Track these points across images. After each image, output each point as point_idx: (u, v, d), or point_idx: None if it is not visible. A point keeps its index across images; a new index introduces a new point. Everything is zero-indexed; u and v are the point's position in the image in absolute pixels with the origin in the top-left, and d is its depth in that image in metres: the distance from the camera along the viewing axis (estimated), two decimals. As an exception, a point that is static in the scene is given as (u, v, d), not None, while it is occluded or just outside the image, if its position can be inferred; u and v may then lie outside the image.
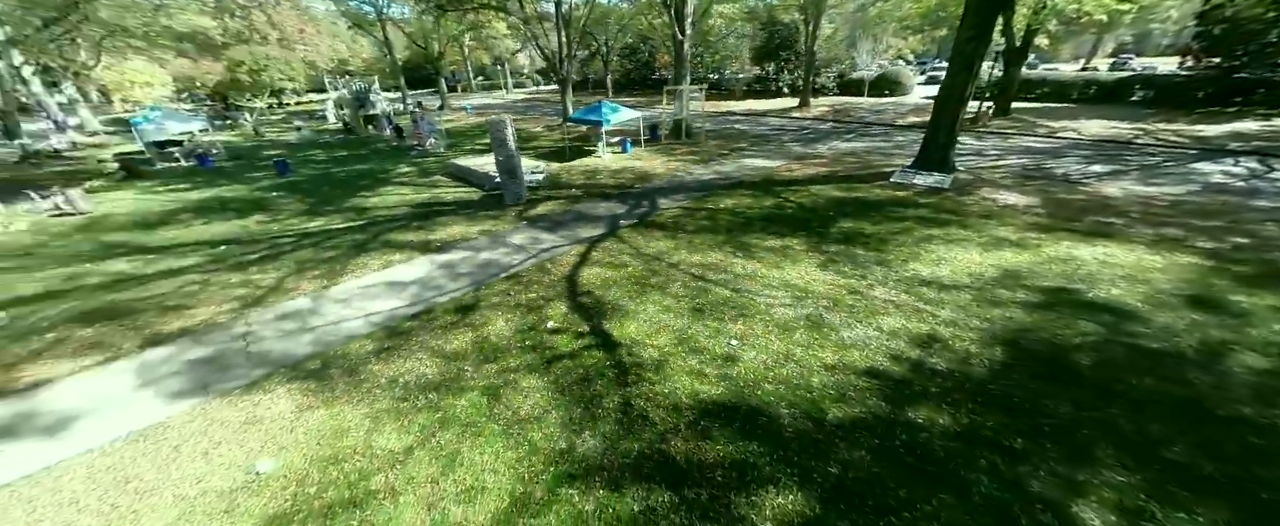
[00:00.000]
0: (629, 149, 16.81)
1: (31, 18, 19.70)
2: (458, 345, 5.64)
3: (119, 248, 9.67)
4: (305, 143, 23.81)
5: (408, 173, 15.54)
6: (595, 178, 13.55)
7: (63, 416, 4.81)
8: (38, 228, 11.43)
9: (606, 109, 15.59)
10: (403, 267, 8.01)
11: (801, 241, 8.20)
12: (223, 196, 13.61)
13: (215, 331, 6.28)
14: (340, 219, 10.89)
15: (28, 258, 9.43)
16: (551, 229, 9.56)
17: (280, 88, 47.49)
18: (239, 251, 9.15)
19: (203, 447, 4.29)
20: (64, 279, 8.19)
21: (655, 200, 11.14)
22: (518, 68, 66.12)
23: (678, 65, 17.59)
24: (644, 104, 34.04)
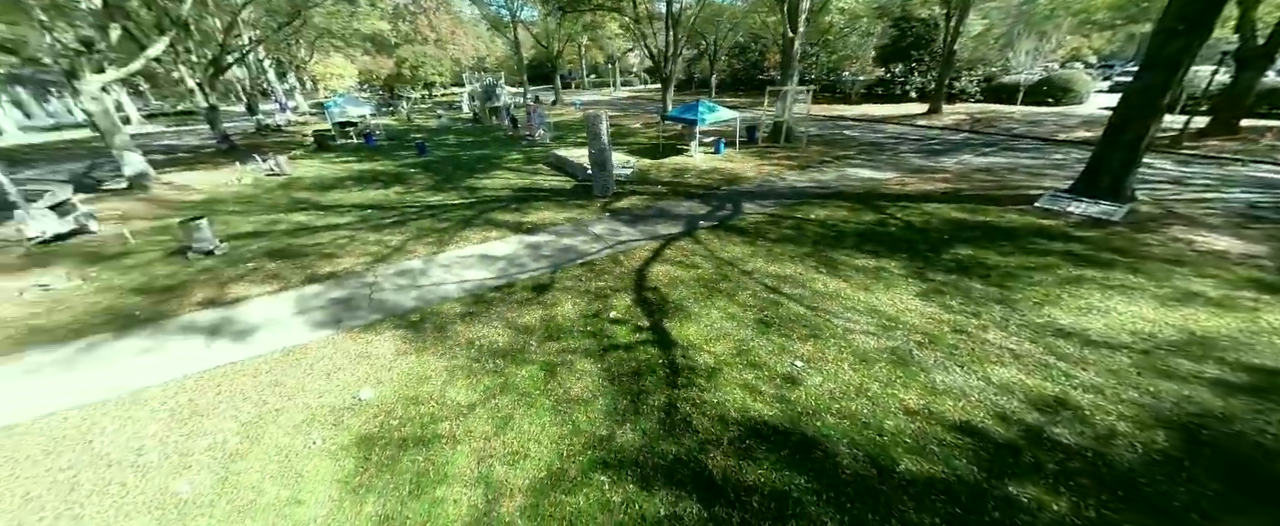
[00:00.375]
0: (722, 150, 16.42)
1: (271, 22, 25.82)
2: (528, 320, 6.09)
3: (302, 203, 12.31)
4: (443, 129, 27.68)
5: (516, 160, 17.16)
6: (682, 176, 13.51)
7: (247, 327, 6.29)
8: (257, 183, 15.08)
9: (702, 108, 15.40)
10: (497, 244, 8.89)
11: (901, 264, 7.21)
12: (376, 169, 16.49)
13: (351, 278, 7.66)
14: (456, 196, 12.47)
15: (249, 204, 12.50)
16: (631, 222, 9.78)
17: (431, 81, 55.92)
18: (379, 216, 11.01)
19: (327, 370, 5.27)
20: (265, 223, 10.69)
21: (740, 204, 10.73)
22: (627, 66, 68.70)
23: (785, 65, 16.62)
24: (747, 104, 32.99)
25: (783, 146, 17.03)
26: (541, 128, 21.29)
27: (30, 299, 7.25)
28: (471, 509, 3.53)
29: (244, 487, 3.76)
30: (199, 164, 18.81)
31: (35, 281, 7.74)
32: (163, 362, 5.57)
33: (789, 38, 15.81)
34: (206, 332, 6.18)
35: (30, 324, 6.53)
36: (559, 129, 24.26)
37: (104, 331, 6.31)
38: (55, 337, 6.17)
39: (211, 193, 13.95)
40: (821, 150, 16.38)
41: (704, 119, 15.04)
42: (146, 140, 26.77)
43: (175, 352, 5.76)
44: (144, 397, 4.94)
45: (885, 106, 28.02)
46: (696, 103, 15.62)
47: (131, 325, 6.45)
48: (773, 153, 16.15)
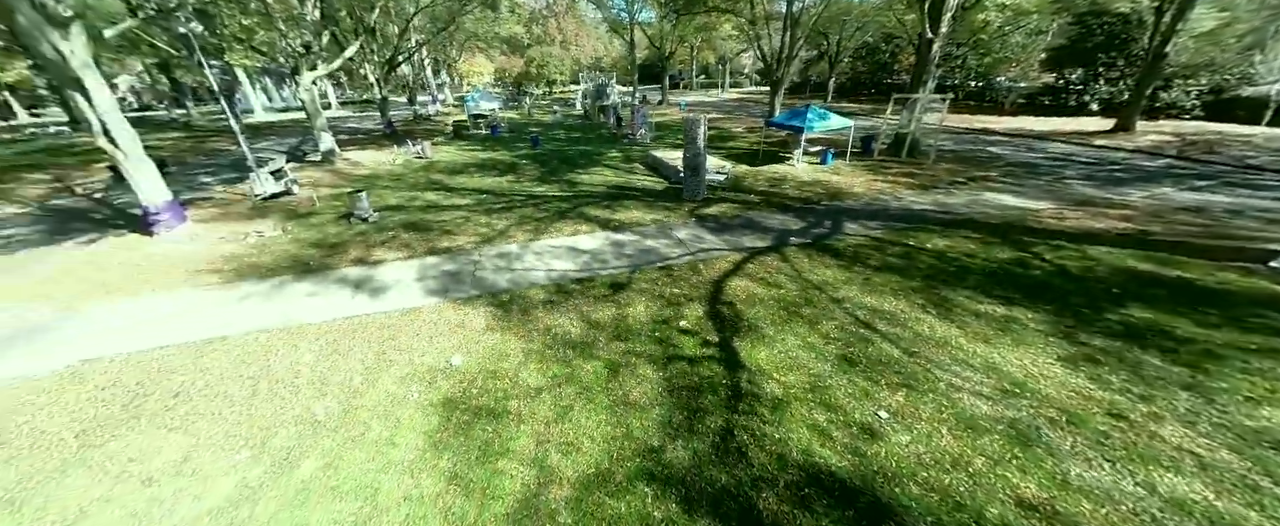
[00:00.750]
0: (830, 161, 15.13)
1: (432, 27, 30.46)
2: (601, 317, 6.33)
3: (435, 184, 14.38)
4: (556, 124, 30.04)
5: (615, 158, 17.88)
6: (780, 187, 12.77)
7: (381, 286, 7.58)
8: (407, 164, 18.00)
9: (812, 114, 14.34)
10: (585, 238, 9.39)
11: (1042, 318, 5.92)
12: (495, 158, 18.54)
13: (461, 255, 8.75)
14: (556, 188, 13.45)
15: (397, 181, 15.00)
16: (717, 231, 9.56)
17: (552, 79, 61.08)
18: (491, 201, 12.37)
19: (430, 334, 6.11)
20: (406, 198, 12.72)
21: (840, 222, 9.79)
22: (738, 67, 66.97)
23: (920, 69, 14.62)
24: (868, 111, 29.93)
25: (904, 161, 15.09)
26: (643, 127, 21.86)
27: (251, 243, 9.64)
28: (524, 487, 3.81)
29: (358, 421, 4.56)
30: (369, 145, 23.10)
31: (255, 229, 10.28)
32: (321, 305, 6.98)
33: (927, 39, 13.88)
34: (352, 285, 7.59)
35: (247, 261, 8.69)
36: (660, 129, 24.68)
37: (288, 273, 8.13)
38: (260, 274, 8.14)
39: (373, 169, 17.04)
40: (953, 168, 14.14)
41: (812, 126, 14.01)
42: (339, 122, 33.73)
43: (330, 298, 7.19)
44: (306, 331, 6.25)
45: (1050, 119, 23.13)
46: (805, 108, 14.60)
47: (306, 272, 8.20)
48: (889, 168, 14.41)
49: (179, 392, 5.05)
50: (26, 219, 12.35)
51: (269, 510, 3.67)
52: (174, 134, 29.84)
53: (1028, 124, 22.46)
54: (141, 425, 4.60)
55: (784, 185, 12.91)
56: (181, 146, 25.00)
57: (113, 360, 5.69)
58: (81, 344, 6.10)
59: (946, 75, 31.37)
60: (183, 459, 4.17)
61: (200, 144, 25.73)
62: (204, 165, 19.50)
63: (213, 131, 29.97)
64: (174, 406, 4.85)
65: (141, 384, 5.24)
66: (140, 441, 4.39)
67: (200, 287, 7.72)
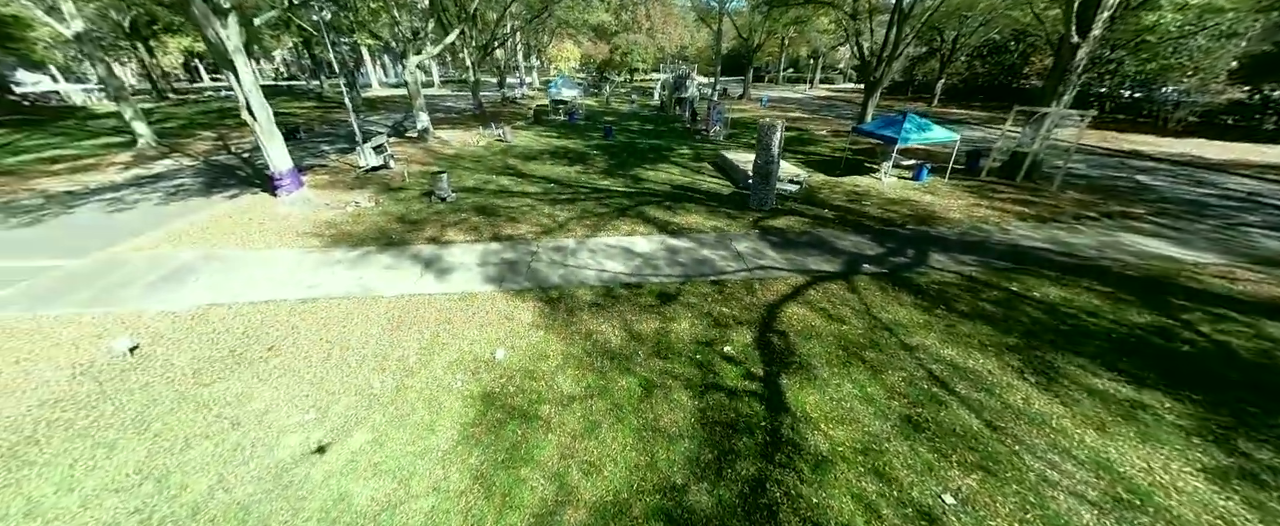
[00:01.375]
0: (924, 177, 13.44)
1: (526, 14, 31.78)
2: (644, 329, 6.19)
3: (509, 169, 15.09)
4: (631, 114, 30.13)
5: (684, 155, 17.47)
6: (861, 203, 11.60)
7: (446, 267, 8.10)
8: (489, 146, 19.12)
9: (910, 123, 12.75)
10: (640, 240, 9.27)
11: (1187, 410, 4.72)
12: (568, 146, 19.03)
13: (520, 244, 9.08)
14: (621, 183, 13.44)
15: (477, 163, 15.99)
16: (780, 247, 8.91)
17: (635, 67, 61.32)
18: (557, 191, 12.70)
19: (481, 322, 6.39)
20: (482, 181, 13.50)
21: (926, 252, 8.64)
22: (832, 62, 62.07)
23: (1057, 77, 12.28)
24: (984, 120, 26.18)
25: (1018, 185, 12.93)
26: (718, 124, 21.10)
27: (349, 212, 10.84)
28: (542, 501, 3.83)
29: (405, 402, 4.90)
30: (459, 124, 24.92)
31: (354, 199, 11.53)
32: (394, 278, 7.64)
33: (1071, 42, 11.59)
34: (423, 263, 8.21)
35: (343, 229, 9.78)
36: (736, 126, 23.65)
37: (373, 244, 9.01)
38: (350, 243, 9.10)
39: (458, 149, 18.33)
40: (1084, 199, 11.84)
41: (908, 137, 12.48)
42: (438, 101, 36.88)
43: (402, 273, 7.84)
44: (378, 304, 6.87)
45: (1232, 145, 18.51)
46: (902, 116, 13.03)
47: (388, 245, 9.03)
48: (999, 191, 12.44)
49: (272, 346, 5.80)
50: (192, 171, 15.02)
51: (320, 474, 4.07)
52: (309, 103, 34.61)
53: (1198, 148, 18.17)
54: (241, 372, 5.35)
55: (865, 201, 11.70)
56: (313, 115, 28.90)
57: (230, 307, 6.70)
58: (212, 286, 7.27)
59: (1092, 81, 26.29)
60: (265, 409, 4.78)
61: (327, 114, 29.54)
62: (326, 135, 22.33)
63: (338, 103, 34.27)
64: (267, 359, 5.58)
65: (247, 332, 6.10)
66: (237, 387, 5.10)
67: (304, 249, 8.83)
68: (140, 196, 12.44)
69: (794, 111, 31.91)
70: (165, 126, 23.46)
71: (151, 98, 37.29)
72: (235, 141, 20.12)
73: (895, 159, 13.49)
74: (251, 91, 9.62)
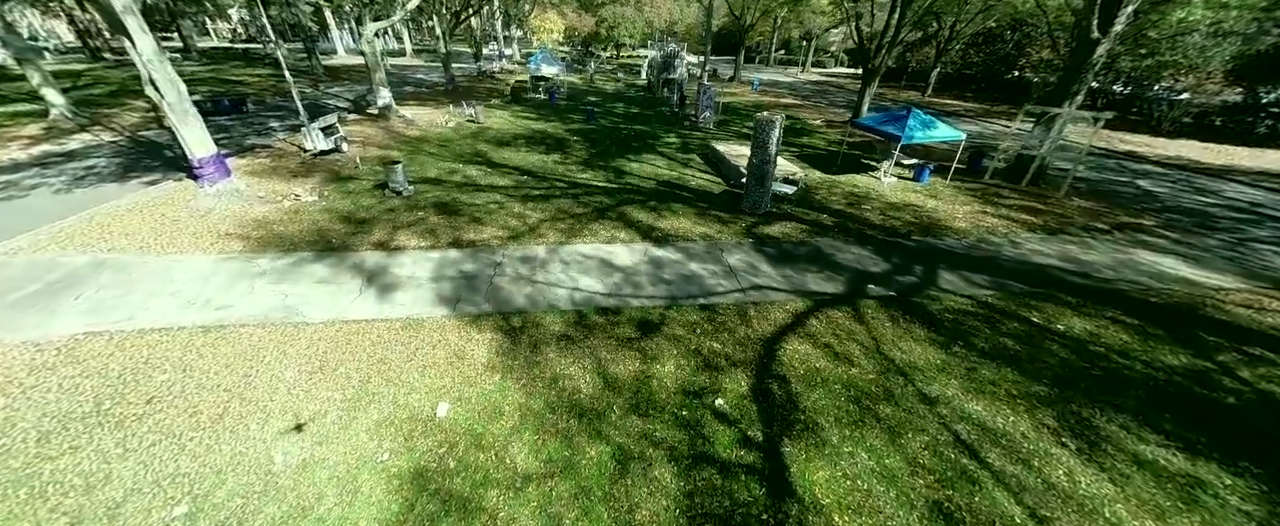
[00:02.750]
0: (926, 178, 12.66)
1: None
2: (621, 371, 5.24)
3: (478, 157, 13.66)
4: (616, 94, 28.40)
5: (671, 145, 16.25)
6: (860, 207, 10.75)
7: (391, 282, 6.92)
8: (458, 128, 17.47)
9: (914, 120, 11.85)
10: (621, 249, 8.22)
11: (1249, 491, 4.07)
12: (546, 130, 17.54)
13: (483, 252, 7.92)
14: (602, 177, 12.24)
15: (443, 148, 14.45)
16: (777, 261, 8.01)
17: (621, 42, 58.46)
18: (531, 185, 11.44)
19: (425, 363, 5.32)
20: (446, 171, 12.10)
21: (935, 270, 7.87)
22: (824, 45, 60.39)
23: (1071, 75, 11.44)
24: (978, 113, 25.52)
25: (1024, 190, 12.28)
26: (708, 110, 19.82)
27: (286, 207, 9.41)
28: (475, 646, 2.92)
29: (310, 486, 3.86)
30: (428, 101, 22.90)
31: (294, 191, 10.06)
32: (327, 297, 6.45)
33: (1092, 37, 10.73)
34: (365, 277, 7.00)
35: (275, 229, 8.41)
36: (727, 112, 22.40)
37: (309, 250, 7.72)
38: (281, 247, 7.79)
39: (424, 131, 16.65)
40: (1092, 206, 11.26)
41: (913, 136, 11.58)
42: (408, 72, 34.14)
43: (339, 289, 6.64)
44: (301, 334, 5.70)
45: (1226, 148, 18.30)
46: (906, 110, 12.09)
47: (326, 251, 7.75)
48: (1004, 196, 11.76)
49: (153, 398, 4.63)
50: (112, 150, 13.10)
51: (179, 605, 3.06)
52: (263, 70, 31.57)
53: (1192, 152, 17.90)
54: (103, 437, 4.20)
55: (865, 205, 10.85)
56: (265, 85, 26.25)
57: (111, 338, 5.44)
58: (96, 307, 5.96)
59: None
60: (121, 499, 3.68)
61: (281, 83, 26.91)
62: (280, 108, 20.14)
63: (298, 71, 31.34)
64: (142, 416, 4.43)
65: (125, 375, 4.90)
66: (92, 462, 3.96)
67: (224, 255, 7.49)
68: (41, 180, 10.65)
69: (786, 97, 30.70)
70: (91, 94, 20.80)
71: (84, 58, 33.51)
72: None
73: (897, 158, 12.63)
74: (153, 62, 7.99)
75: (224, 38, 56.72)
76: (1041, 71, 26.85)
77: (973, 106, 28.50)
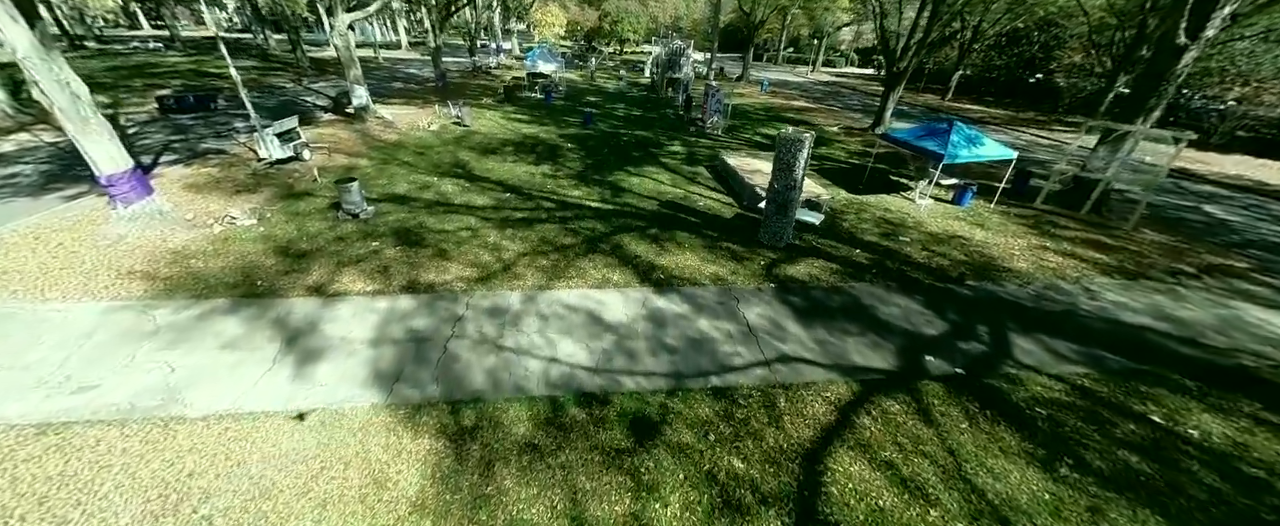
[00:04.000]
0: (967, 201, 11.07)
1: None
2: (604, 515, 3.71)
3: (458, 167, 12.09)
4: (618, 93, 26.75)
5: (676, 154, 14.66)
6: (896, 238, 9.18)
7: (316, 348, 5.40)
8: (442, 131, 15.89)
9: (958, 136, 10.26)
10: (614, 297, 6.69)
11: None
12: (538, 136, 15.95)
13: (442, 300, 6.40)
14: (596, 195, 10.68)
15: (420, 156, 12.90)
16: (806, 317, 6.46)
17: (625, 38, 56.60)
18: (515, 203, 9.89)
19: (323, 497, 3.80)
20: (418, 186, 10.54)
21: (1004, 333, 6.32)
22: (834, 44, 58.39)
23: (1150, 83, 9.76)
24: (1003, 121, 23.77)
25: (1082, 218, 10.66)
26: (717, 114, 18.20)
27: (215, 233, 7.88)
28: None
29: None
30: (415, 99, 21.31)
31: (230, 212, 8.53)
32: (226, 373, 4.94)
33: (1178, 44, 9.09)
34: (285, 339, 5.49)
35: (192, 265, 6.89)
36: (736, 116, 20.75)
37: (226, 296, 6.20)
38: (193, 291, 6.27)
39: (404, 134, 15.09)
40: (1167, 242, 9.66)
41: (957, 155, 9.98)
42: (401, 66, 32.48)
43: (246, 359, 5.13)
44: (170, 438, 4.20)
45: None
46: (946, 124, 10.48)
47: (247, 297, 6.24)
48: (1062, 227, 10.17)
49: (-96, 567, 3.14)
50: (46, 155, 11.59)
51: None
52: (248, 62, 29.96)
53: (1253, 170, 16.24)
54: None
55: (903, 236, 9.28)
56: (246, 78, 24.68)
57: (-100, 447, 3.94)
58: (-92, 392, 4.46)
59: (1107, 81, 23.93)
60: None
61: (263, 77, 25.34)
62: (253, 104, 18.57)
63: (282, 64, 29.73)
64: None
65: (-111, 519, 3.40)
66: None
67: (116, 302, 5.98)
68: (-56, 191, 9.17)
69: (797, 99, 29.01)
70: (48, 86, 19.24)
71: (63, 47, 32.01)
72: (132, 110, 16.40)
73: (935, 178, 11.02)
74: (30, 60, 6.44)
75: (222, 27, 54.99)
76: (1074, 76, 25.07)
77: (997, 113, 26.79)
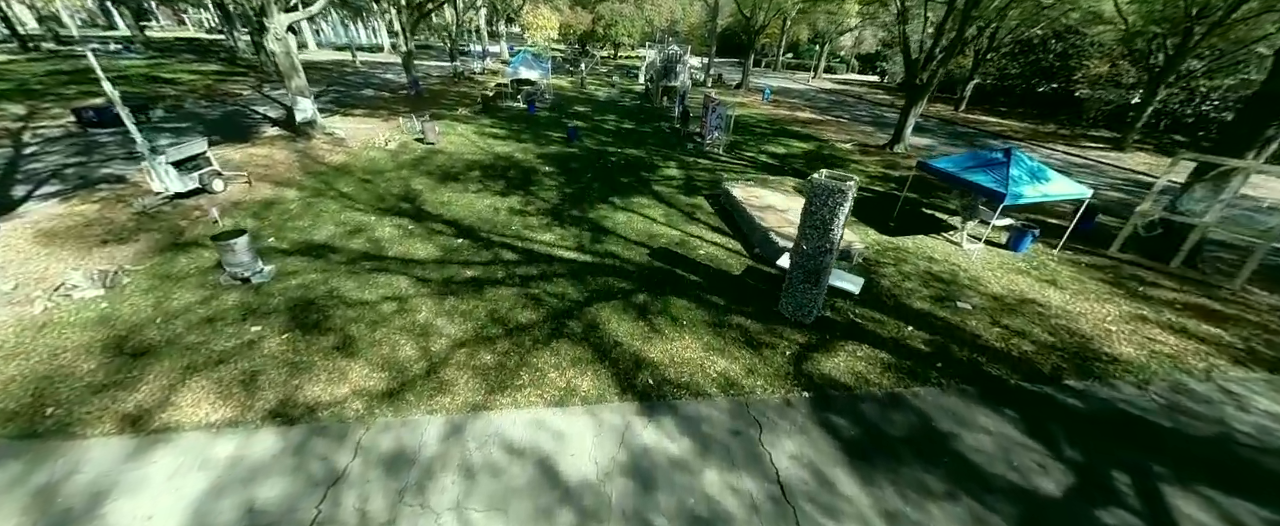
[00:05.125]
0: (1025, 246, 9.09)
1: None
2: None
3: (406, 201, 9.96)
4: (609, 102, 24.73)
5: (672, 180, 12.62)
6: (953, 304, 7.14)
7: (79, 557, 3.28)
8: (400, 149, 13.77)
9: (1019, 169, 8.31)
10: (579, 426, 4.60)
11: None
12: (513, 155, 13.87)
13: (324, 437, 4.29)
14: (573, 239, 8.59)
15: (366, 184, 10.76)
16: (860, 461, 4.39)
17: (619, 41, 54.67)
18: (466, 254, 7.80)
19: None
20: (346, 230, 8.40)
21: (1153, 489, 4.28)
22: (835, 49, 56.74)
23: (1268, 106, 7.83)
24: (1023, 135, 21.69)
25: (1174, 272, 8.66)
26: (717, 130, 16.20)
27: (37, 313, 5.73)
28: None
29: None
30: (381, 109, 19.18)
31: (77, 276, 6.36)
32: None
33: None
34: (29, 542, 3.36)
35: (-37, 377, 4.74)
36: (737, 130, 18.70)
37: None
38: (-68, 433, 4.13)
39: (354, 154, 12.95)
40: (1282, 307, 7.70)
41: (1020, 194, 7.99)
42: (380, 70, 30.26)
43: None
44: None
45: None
46: (1004, 155, 8.50)
47: (22, 437, 4.10)
48: (1151, 283, 8.19)
49: None
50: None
51: None
52: (212, 66, 27.71)
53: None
54: None
55: (961, 300, 7.24)
56: (203, 83, 22.48)
57: None
58: None
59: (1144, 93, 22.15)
60: None
61: (220, 83, 23.14)
62: (197, 116, 16.42)
63: (248, 67, 27.49)
64: None
65: None
66: None
67: None
68: None
69: (803, 110, 27.12)
70: (-39, 93, 17.03)
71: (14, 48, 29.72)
72: (47, 123, 14.21)
73: (988, 216, 9.02)
74: None
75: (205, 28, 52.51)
76: (1100, 88, 23.30)
77: (1015, 125, 24.96)
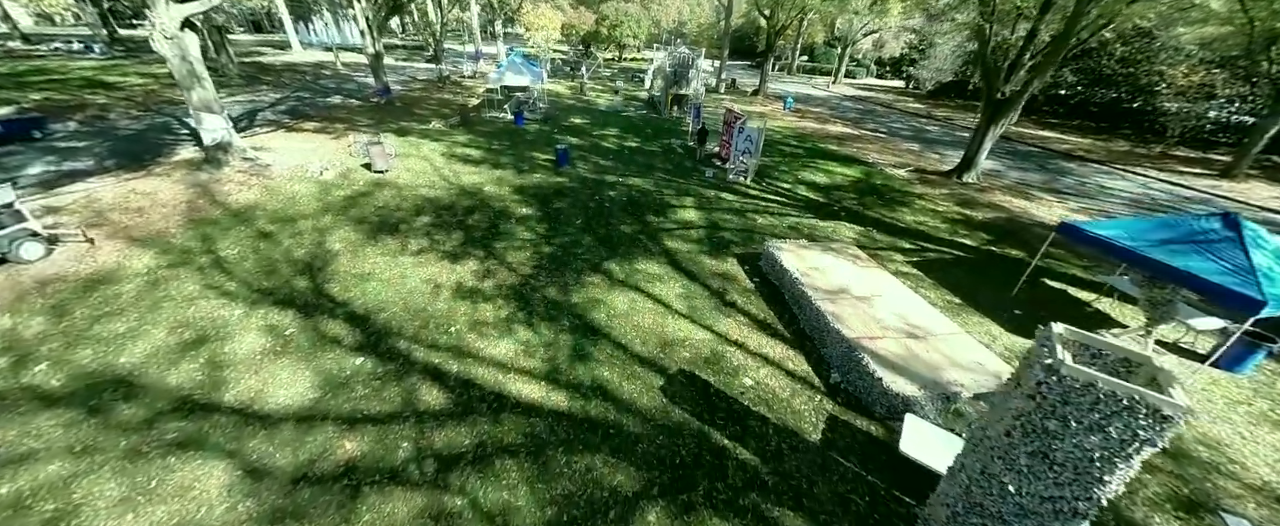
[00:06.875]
0: (1250, 366, 5.85)
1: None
2: None
3: (298, 281, 6.88)
4: (611, 112, 21.64)
5: (691, 227, 9.47)
6: (1208, 510, 3.95)
7: None
8: (338, 179, 10.74)
9: (1266, 254, 5.11)
10: None
11: None
12: (484, 189, 10.78)
13: None
14: (541, 355, 5.46)
15: (260, 241, 7.70)
16: None
17: (624, 43, 51.71)
18: (361, 392, 4.71)
19: None
20: (186, 343, 5.33)
21: None
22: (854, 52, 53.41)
23: None
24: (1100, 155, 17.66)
25: None
26: (747, 154, 12.98)
27: None
28: None
29: None
30: (337, 122, 16.18)
31: None
32: None
33: None
34: None
35: None
36: (766, 150, 15.41)
37: None
38: None
39: (271, 191, 9.88)
40: None
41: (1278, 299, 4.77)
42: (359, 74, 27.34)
43: None
44: None
45: None
46: (1232, 227, 5.32)
47: None
48: None
49: None
50: None
51: None
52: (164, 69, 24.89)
53: None
54: None
55: (1220, 507, 4.05)
56: (147, 89, 19.64)
57: None
58: None
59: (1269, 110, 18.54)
60: None
61: (167, 89, 20.25)
62: (110, 131, 13.53)
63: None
64: None
65: None
66: None
67: None
68: None
69: (831, 121, 23.90)
70: None
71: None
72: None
73: (1189, 317, 5.81)
74: None
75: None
76: (1192, 99, 19.76)
77: (1083, 142, 21.51)
